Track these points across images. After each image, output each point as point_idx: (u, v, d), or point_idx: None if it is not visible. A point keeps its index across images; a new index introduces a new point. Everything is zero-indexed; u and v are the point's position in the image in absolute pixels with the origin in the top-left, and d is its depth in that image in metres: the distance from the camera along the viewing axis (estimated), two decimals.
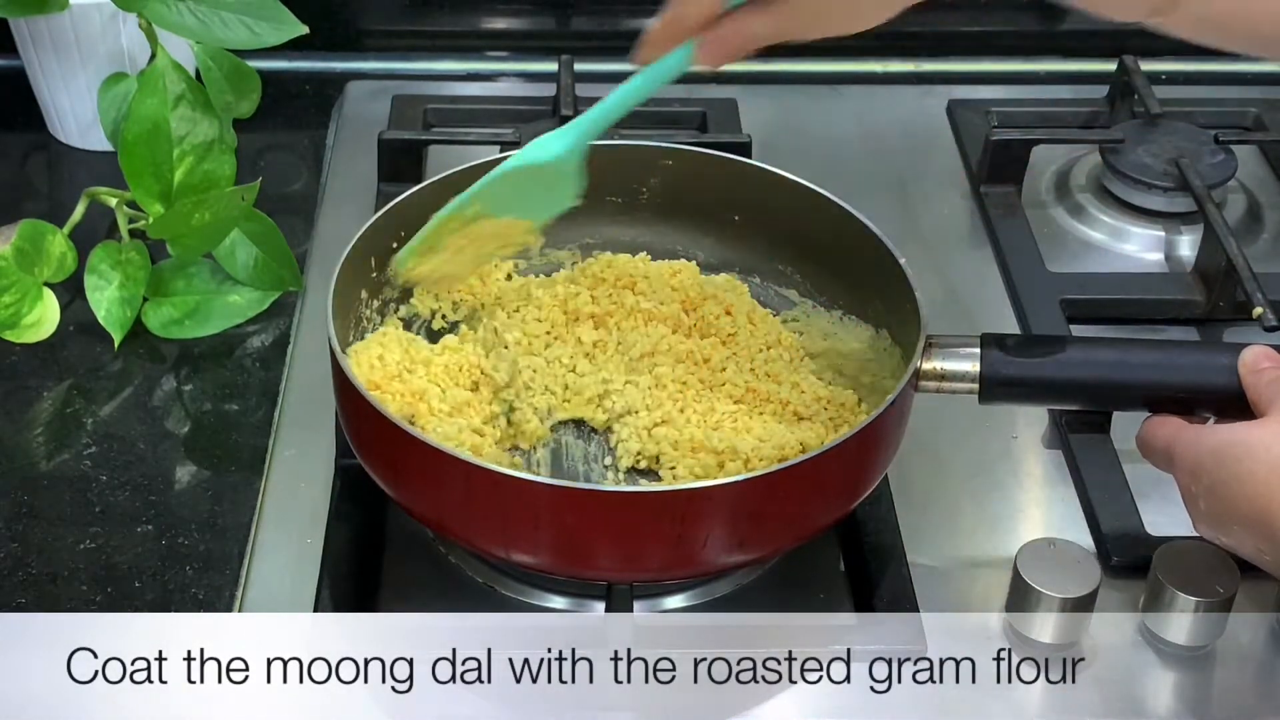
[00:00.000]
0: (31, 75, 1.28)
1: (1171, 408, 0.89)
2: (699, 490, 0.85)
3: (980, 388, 0.91)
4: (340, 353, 0.90)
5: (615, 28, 1.43)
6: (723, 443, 0.93)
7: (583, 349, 1.00)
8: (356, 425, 0.91)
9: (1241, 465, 0.81)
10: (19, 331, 1.09)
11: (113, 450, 1.02)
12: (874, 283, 1.00)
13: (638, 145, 1.08)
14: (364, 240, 0.98)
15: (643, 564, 0.86)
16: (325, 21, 1.30)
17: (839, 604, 0.94)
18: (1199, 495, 0.84)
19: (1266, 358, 0.87)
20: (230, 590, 0.93)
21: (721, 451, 0.93)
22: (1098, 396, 0.94)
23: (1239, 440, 0.83)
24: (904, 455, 0.94)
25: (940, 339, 0.92)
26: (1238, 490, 0.81)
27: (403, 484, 0.89)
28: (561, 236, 1.08)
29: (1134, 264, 1.21)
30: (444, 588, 0.94)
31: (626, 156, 1.07)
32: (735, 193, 1.06)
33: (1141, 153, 1.24)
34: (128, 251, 1.11)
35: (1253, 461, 0.81)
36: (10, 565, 0.94)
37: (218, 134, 1.12)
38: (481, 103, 1.36)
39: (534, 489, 0.84)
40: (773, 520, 0.86)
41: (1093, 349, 0.94)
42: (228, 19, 1.15)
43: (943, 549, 0.97)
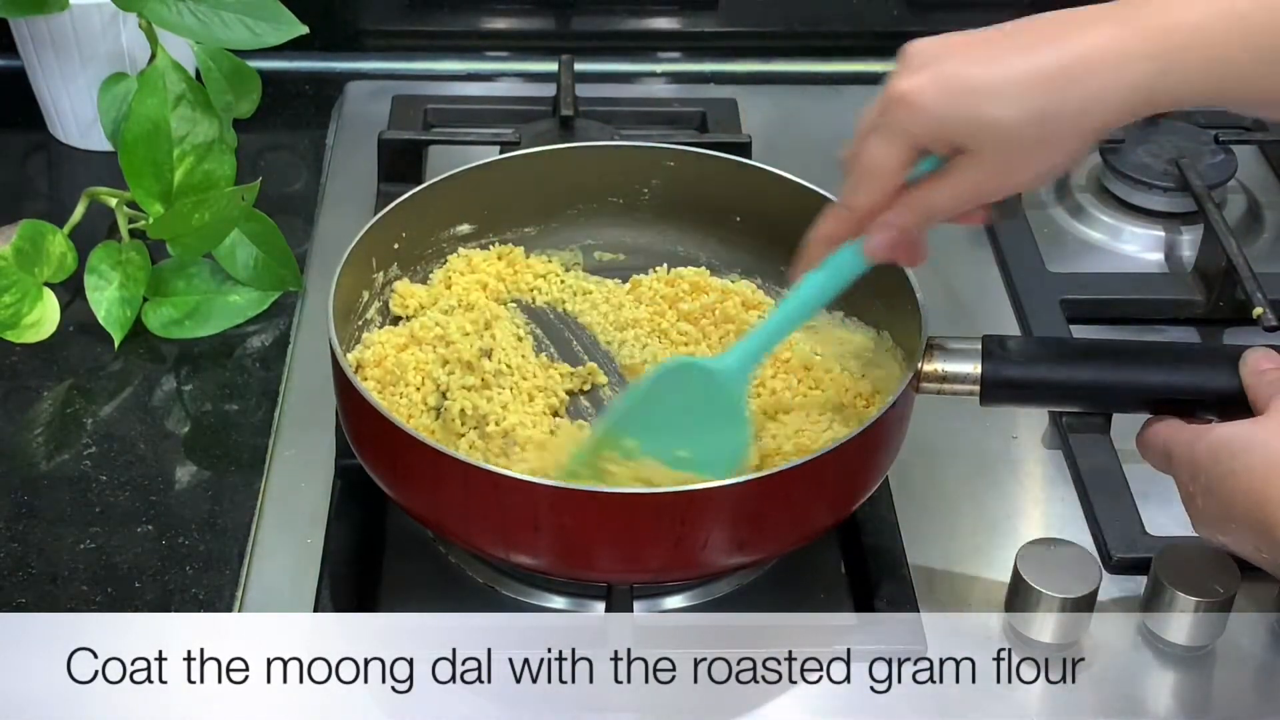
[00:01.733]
0: (31, 75, 1.28)
1: (1173, 410, 0.88)
2: (699, 492, 0.85)
3: (981, 389, 0.91)
4: (341, 353, 0.90)
5: (615, 28, 1.43)
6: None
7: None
8: (356, 425, 0.91)
9: (1238, 461, 0.81)
10: (19, 331, 1.09)
11: (113, 450, 1.02)
12: (875, 284, 0.99)
13: (640, 146, 1.08)
14: (365, 241, 0.98)
15: (643, 565, 0.86)
16: (325, 21, 1.30)
17: (839, 604, 0.94)
18: (1197, 495, 0.84)
19: (1268, 359, 0.86)
20: (230, 590, 0.93)
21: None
22: (1099, 399, 0.94)
23: (1236, 437, 0.82)
24: (904, 455, 0.94)
25: (941, 340, 0.92)
26: (1234, 487, 0.81)
27: (402, 484, 0.89)
28: (563, 237, 1.08)
29: (1134, 264, 1.21)
30: (444, 588, 0.94)
31: (629, 157, 1.07)
32: (736, 193, 1.06)
33: (1141, 153, 1.24)
34: (128, 251, 1.11)
35: (1249, 458, 0.80)
36: (10, 565, 0.94)
37: (218, 134, 1.12)
38: (481, 103, 1.37)
39: (533, 490, 0.83)
40: (772, 522, 0.86)
41: (1094, 351, 0.94)
42: (228, 19, 1.15)
43: (943, 549, 0.97)
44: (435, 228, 1.05)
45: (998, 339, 0.92)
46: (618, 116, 1.31)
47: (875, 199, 0.82)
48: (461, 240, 1.06)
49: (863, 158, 0.82)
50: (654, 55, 1.43)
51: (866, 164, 0.81)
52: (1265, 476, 0.79)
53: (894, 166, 0.81)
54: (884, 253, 0.84)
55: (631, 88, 1.39)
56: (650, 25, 1.44)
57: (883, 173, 0.81)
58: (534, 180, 1.07)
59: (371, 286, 1.01)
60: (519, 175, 1.06)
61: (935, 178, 0.81)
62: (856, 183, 0.82)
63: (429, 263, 1.05)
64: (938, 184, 0.81)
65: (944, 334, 0.92)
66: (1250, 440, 0.81)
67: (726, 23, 1.44)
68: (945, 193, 0.81)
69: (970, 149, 0.79)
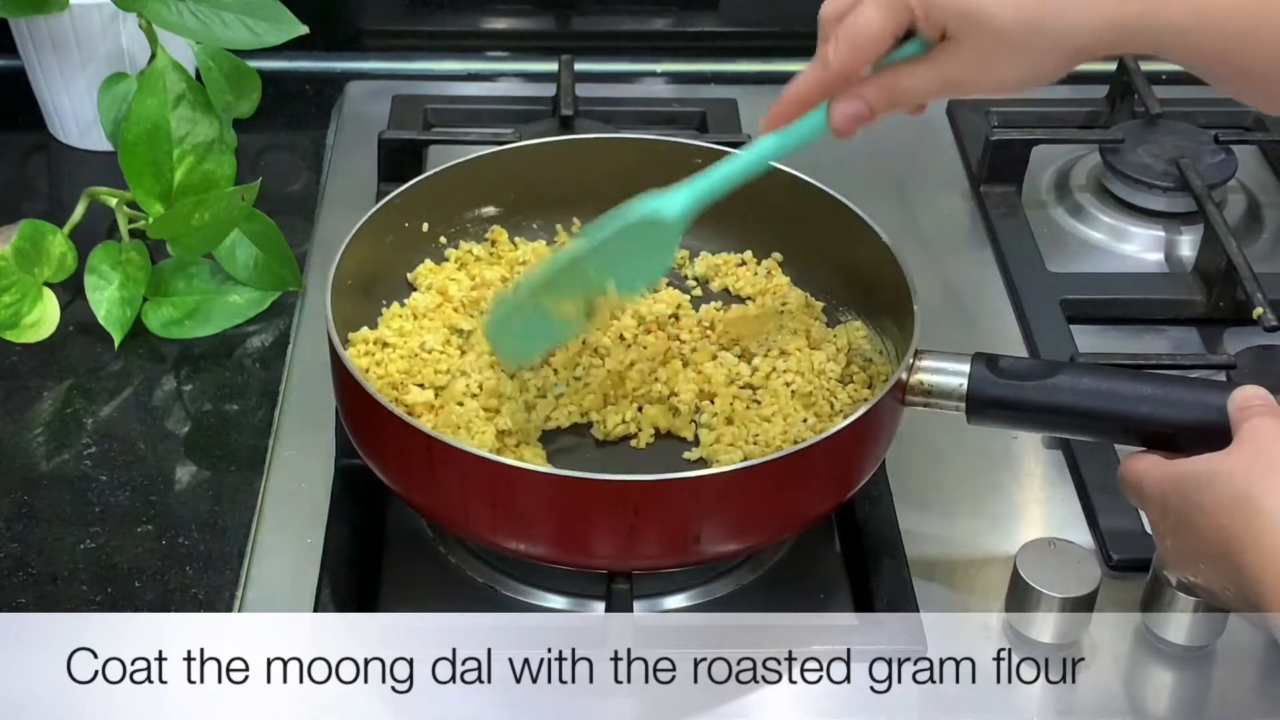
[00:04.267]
0: (31, 75, 1.28)
1: (1160, 443, 0.87)
2: (682, 480, 0.85)
3: (967, 407, 0.91)
4: (340, 345, 0.90)
5: (615, 28, 1.43)
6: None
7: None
8: (356, 417, 0.91)
9: (1205, 496, 0.79)
10: (19, 331, 1.09)
11: (113, 450, 1.02)
12: (877, 286, 1.00)
13: (676, 142, 1.08)
14: (360, 235, 0.98)
15: (638, 552, 0.86)
16: (325, 21, 1.30)
17: (839, 604, 0.94)
18: (1166, 534, 0.83)
19: (1257, 397, 0.84)
20: (230, 590, 0.93)
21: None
22: (1086, 426, 0.92)
23: (1203, 470, 0.80)
24: (904, 454, 0.94)
25: (930, 354, 0.92)
26: (1201, 522, 0.79)
27: (393, 469, 0.90)
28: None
29: (1134, 264, 1.21)
30: (444, 588, 0.94)
31: (666, 152, 1.07)
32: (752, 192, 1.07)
33: (1141, 153, 1.24)
34: (128, 251, 1.11)
35: (1215, 491, 0.78)
36: (10, 565, 0.94)
37: (218, 134, 1.12)
38: (481, 103, 1.37)
39: (531, 476, 0.84)
40: (746, 516, 0.87)
41: (1084, 377, 0.91)
42: (228, 19, 1.15)
43: (943, 549, 0.97)
44: (463, 207, 1.07)
45: (988, 356, 0.92)
46: (618, 116, 1.31)
47: (852, 64, 0.84)
48: (487, 221, 1.08)
49: (853, 20, 0.83)
50: (654, 55, 1.43)
51: (854, 26, 0.83)
52: (1230, 511, 0.77)
53: (880, 33, 0.82)
54: (847, 123, 0.85)
55: (631, 88, 1.39)
56: (650, 25, 1.44)
57: (868, 37, 0.82)
58: (545, 171, 1.08)
59: (369, 280, 1.01)
60: (534, 164, 1.08)
61: (914, 62, 0.83)
62: (839, 43, 0.83)
63: (457, 240, 1.08)
64: (915, 67, 0.83)
65: (934, 348, 0.92)
66: (1216, 473, 0.79)
67: (726, 23, 1.44)
68: (920, 77, 0.83)
69: (956, 38, 0.81)
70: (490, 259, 1.07)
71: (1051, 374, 0.91)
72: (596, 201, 1.01)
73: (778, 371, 0.98)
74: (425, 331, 1.00)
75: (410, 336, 1.00)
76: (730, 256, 1.09)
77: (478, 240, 1.08)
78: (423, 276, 1.05)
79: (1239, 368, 1.05)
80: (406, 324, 1.01)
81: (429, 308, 1.02)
